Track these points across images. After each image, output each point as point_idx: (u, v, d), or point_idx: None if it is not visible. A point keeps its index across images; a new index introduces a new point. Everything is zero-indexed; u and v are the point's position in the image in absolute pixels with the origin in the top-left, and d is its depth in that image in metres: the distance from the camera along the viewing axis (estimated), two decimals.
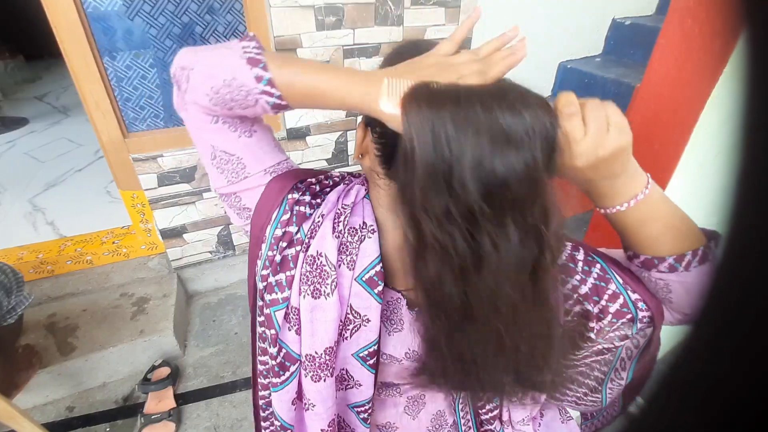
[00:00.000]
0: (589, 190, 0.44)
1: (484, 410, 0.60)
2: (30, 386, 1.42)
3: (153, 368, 1.57)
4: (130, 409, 1.49)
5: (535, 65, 2.03)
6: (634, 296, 0.48)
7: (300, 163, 1.85)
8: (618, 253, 0.54)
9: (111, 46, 1.42)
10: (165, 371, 1.56)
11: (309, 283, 0.48)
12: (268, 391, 0.60)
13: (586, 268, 0.50)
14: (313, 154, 1.86)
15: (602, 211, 0.45)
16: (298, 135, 1.78)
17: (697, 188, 0.84)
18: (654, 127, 0.84)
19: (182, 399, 1.52)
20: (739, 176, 0.14)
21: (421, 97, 0.36)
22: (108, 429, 1.43)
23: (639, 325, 0.49)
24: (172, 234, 1.77)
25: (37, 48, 4.49)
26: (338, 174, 0.58)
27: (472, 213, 0.34)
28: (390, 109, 0.37)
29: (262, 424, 0.63)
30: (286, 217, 0.49)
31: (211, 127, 0.47)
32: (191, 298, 1.95)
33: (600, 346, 0.53)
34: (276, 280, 0.50)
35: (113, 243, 1.82)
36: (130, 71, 1.48)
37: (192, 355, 1.69)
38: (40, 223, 2.04)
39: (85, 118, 3.35)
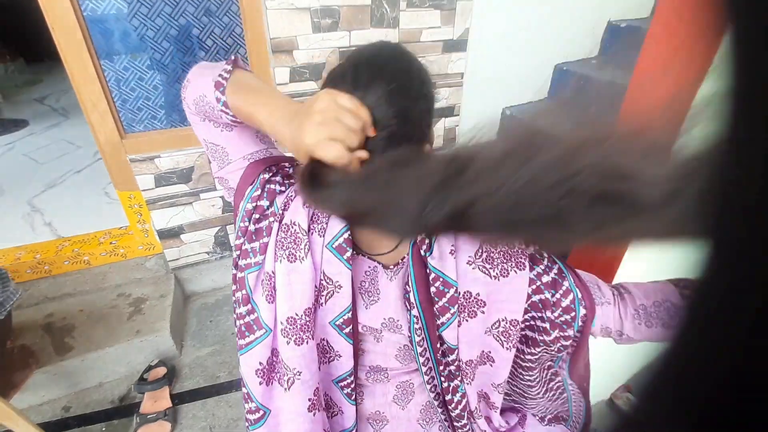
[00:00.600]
0: None
1: (452, 406, 0.61)
2: (26, 386, 1.42)
3: (149, 368, 1.57)
4: (126, 408, 1.49)
5: (531, 67, 2.04)
6: (579, 294, 0.55)
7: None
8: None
9: (108, 48, 1.44)
10: (161, 371, 1.56)
11: (284, 248, 0.53)
12: None
13: (549, 264, 0.56)
14: None
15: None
16: None
17: None
18: (644, 126, 0.85)
19: (178, 399, 1.52)
20: (723, 174, 0.14)
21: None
22: (104, 429, 1.43)
23: (579, 324, 0.56)
24: (170, 234, 1.77)
25: (38, 51, 4.51)
26: None
27: None
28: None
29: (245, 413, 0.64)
30: (257, 193, 0.55)
31: (201, 124, 0.58)
32: (188, 299, 1.96)
33: (554, 347, 0.58)
34: (251, 248, 0.55)
35: (110, 243, 1.82)
36: (128, 73, 1.50)
37: (188, 355, 1.70)
38: (39, 224, 2.05)
39: (85, 121, 3.36)
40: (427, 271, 0.53)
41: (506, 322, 0.55)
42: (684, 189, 0.31)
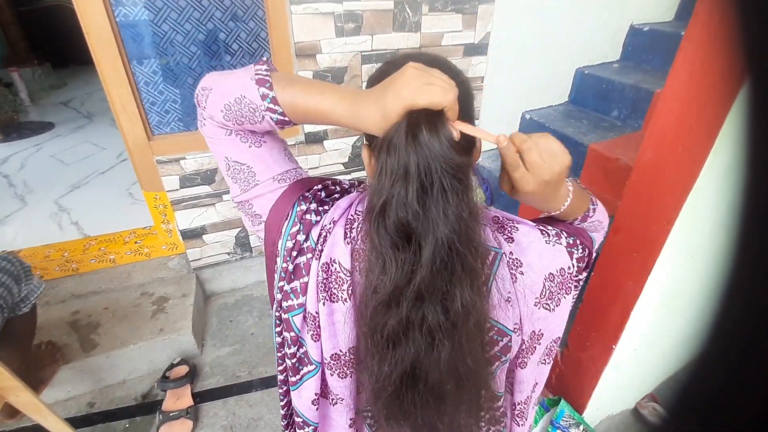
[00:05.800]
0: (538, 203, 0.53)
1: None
2: (52, 382, 1.45)
3: (171, 366, 1.59)
4: (148, 406, 1.52)
5: (552, 71, 2.03)
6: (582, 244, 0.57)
7: (317, 167, 1.88)
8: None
9: (139, 52, 1.47)
10: (183, 369, 1.58)
11: (326, 290, 0.50)
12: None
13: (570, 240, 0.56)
14: (330, 158, 1.89)
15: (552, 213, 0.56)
16: (315, 139, 1.81)
17: (724, 189, 0.83)
18: (678, 130, 0.84)
19: (199, 397, 1.54)
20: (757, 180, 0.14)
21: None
22: (127, 425, 1.46)
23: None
24: (192, 235, 1.80)
25: (63, 56, 4.66)
26: (348, 181, 0.60)
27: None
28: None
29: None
30: (296, 228, 0.51)
31: (224, 139, 0.51)
32: (209, 299, 1.99)
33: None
34: (291, 288, 0.52)
35: (135, 243, 1.86)
36: (156, 76, 1.53)
37: (209, 354, 1.72)
38: (65, 223, 2.11)
39: (108, 123, 3.43)
40: None
41: (551, 342, 0.55)
42: None
